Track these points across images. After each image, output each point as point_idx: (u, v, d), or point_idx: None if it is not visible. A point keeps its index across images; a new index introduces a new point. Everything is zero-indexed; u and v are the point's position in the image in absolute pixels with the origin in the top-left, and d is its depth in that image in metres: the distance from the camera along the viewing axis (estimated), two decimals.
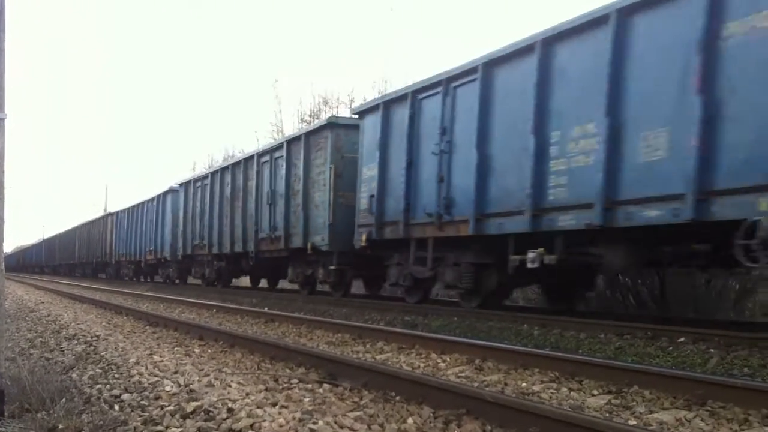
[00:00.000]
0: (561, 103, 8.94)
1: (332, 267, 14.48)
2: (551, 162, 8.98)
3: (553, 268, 9.28)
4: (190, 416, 4.05)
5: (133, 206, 30.70)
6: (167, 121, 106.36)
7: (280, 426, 3.66)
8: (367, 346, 7.69)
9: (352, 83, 69.74)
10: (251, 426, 3.67)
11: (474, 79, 10.34)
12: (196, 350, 7.31)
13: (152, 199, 27.66)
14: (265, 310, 12.30)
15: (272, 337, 8.40)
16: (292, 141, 16.13)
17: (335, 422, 3.80)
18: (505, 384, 5.31)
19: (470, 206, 10.27)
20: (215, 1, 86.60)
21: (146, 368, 5.84)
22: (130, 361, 6.27)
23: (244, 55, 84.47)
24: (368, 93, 31.25)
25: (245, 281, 23.11)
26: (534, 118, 9.20)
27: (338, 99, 33.06)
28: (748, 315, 11.90)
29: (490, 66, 10.11)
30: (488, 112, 10.13)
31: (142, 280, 30.04)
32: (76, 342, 8.19)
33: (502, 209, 9.84)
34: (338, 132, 14.25)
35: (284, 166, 16.13)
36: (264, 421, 3.74)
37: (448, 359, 6.55)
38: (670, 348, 7.08)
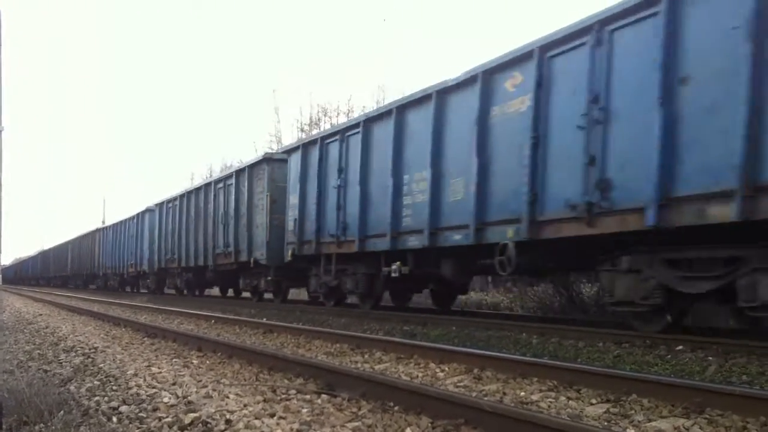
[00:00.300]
0: (409, 155, 12.14)
1: (269, 278, 17.80)
2: (403, 198, 12.12)
3: (439, 277, 12.46)
4: (188, 428, 4.05)
5: (117, 223, 34.10)
6: (166, 132, 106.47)
7: None
8: (366, 356, 7.68)
9: (350, 92, 70.06)
10: None
11: (358, 132, 13.56)
12: (195, 361, 7.30)
13: (133, 218, 30.98)
14: (264, 320, 12.29)
15: (271, 348, 8.39)
16: (239, 171, 19.41)
17: None
18: (504, 393, 5.31)
19: (356, 230, 13.44)
20: (214, 12, 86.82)
21: (144, 380, 5.83)
22: (128, 372, 6.26)
23: (243, 65, 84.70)
24: (367, 102, 31.43)
25: (216, 291, 26.48)
26: (392, 164, 12.36)
27: (337, 108, 33.26)
28: None
29: (368, 122, 13.34)
30: (367, 157, 13.29)
31: (128, 290, 33.07)
32: (74, 354, 8.18)
33: (376, 232, 12.94)
34: (273, 165, 17.41)
35: (234, 193, 19.42)
36: None
37: (446, 369, 6.55)
38: (669, 356, 7.08)
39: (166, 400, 4.85)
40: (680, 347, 7.33)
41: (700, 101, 7.24)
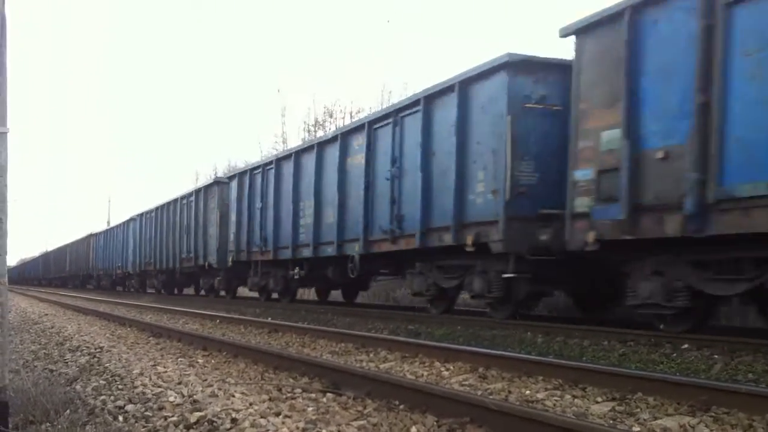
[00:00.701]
0: (303, 187, 16.38)
1: (219, 278, 22.53)
2: (300, 220, 16.32)
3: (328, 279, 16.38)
4: (194, 427, 4.06)
5: (108, 229, 40.13)
6: (171, 132, 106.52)
7: None
8: (371, 355, 7.69)
9: (354, 92, 70.04)
10: None
11: (272, 168, 18.04)
12: (200, 361, 7.31)
13: (120, 225, 36.14)
14: (269, 320, 12.30)
15: (276, 347, 8.40)
16: (198, 191, 24.30)
17: (339, 431, 3.80)
18: (509, 392, 5.31)
19: (271, 243, 17.74)
20: (218, 13, 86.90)
21: (150, 379, 5.84)
22: (134, 372, 6.27)
23: (248, 66, 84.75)
24: (373, 103, 31.46)
25: (191, 290, 29.25)
26: (293, 193, 16.68)
27: (342, 110, 33.32)
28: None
29: (279, 161, 17.89)
30: (279, 187, 17.62)
31: (119, 289, 37.00)
32: (79, 353, 8.20)
33: (285, 245, 17.06)
34: (222, 187, 21.95)
35: (194, 208, 24.16)
36: (267, 430, 3.74)
37: (451, 367, 6.55)
38: (674, 354, 7.07)
39: (171, 399, 4.86)
40: (686, 345, 7.32)
41: (439, 168, 11.59)
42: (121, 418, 4.61)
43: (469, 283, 11.35)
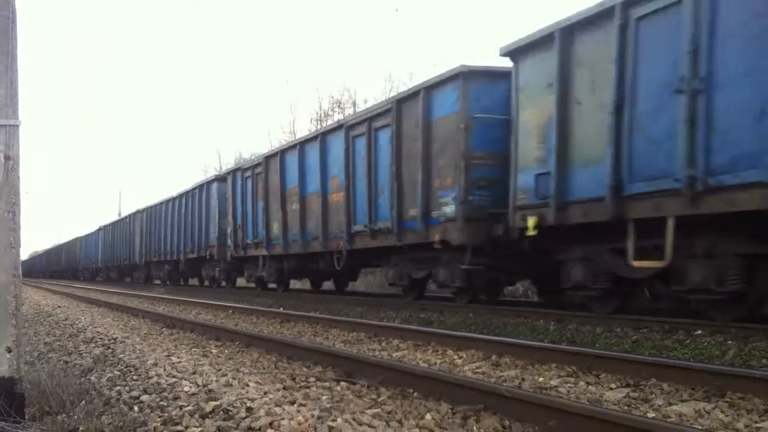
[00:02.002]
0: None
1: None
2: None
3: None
4: (210, 416, 4.07)
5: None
6: (181, 125, 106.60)
7: (299, 424, 3.67)
8: (383, 344, 7.70)
9: (362, 82, 69.89)
10: (270, 424, 3.68)
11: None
12: (214, 351, 7.34)
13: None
14: (281, 310, 12.34)
15: (288, 337, 8.43)
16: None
17: (353, 419, 3.81)
18: (523, 379, 5.31)
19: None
20: (227, 5, 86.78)
21: (164, 369, 5.86)
22: (148, 362, 6.30)
23: (257, 58, 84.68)
24: (378, 93, 31.45)
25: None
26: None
27: (353, 100, 33.35)
28: None
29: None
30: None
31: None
32: (93, 345, 8.24)
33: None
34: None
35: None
36: (283, 419, 3.75)
37: (464, 355, 6.55)
38: (687, 341, 7.05)
39: (186, 388, 4.87)
40: (699, 332, 7.30)
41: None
42: (136, 408, 4.63)
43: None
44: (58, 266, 60.93)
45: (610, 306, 9.38)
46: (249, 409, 4.02)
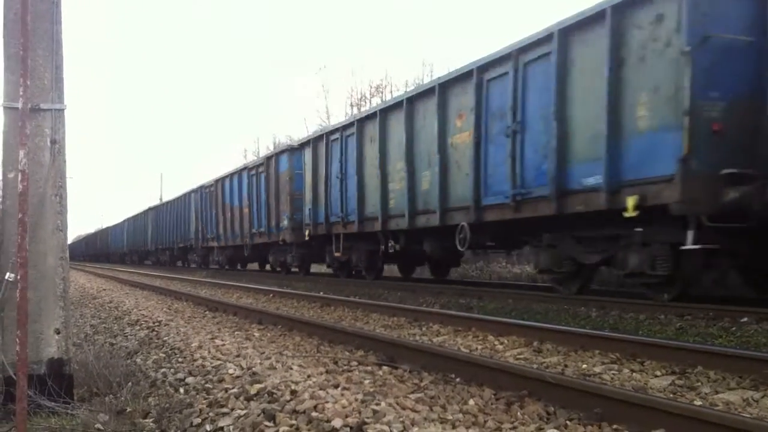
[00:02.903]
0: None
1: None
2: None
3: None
4: (254, 398, 4.12)
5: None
6: (220, 110, 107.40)
7: (343, 407, 3.70)
8: (423, 329, 7.71)
9: (397, 67, 69.65)
10: (315, 407, 3.72)
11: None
12: (256, 334, 7.42)
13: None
14: (321, 294, 12.41)
15: (329, 321, 8.48)
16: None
17: (397, 403, 3.82)
18: (565, 366, 5.27)
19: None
20: None
21: (209, 352, 5.94)
22: (193, 345, 6.39)
23: (293, 43, 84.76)
24: (414, 77, 31.35)
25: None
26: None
27: (390, 85, 33.41)
28: None
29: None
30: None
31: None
32: (138, 327, 8.39)
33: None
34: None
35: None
36: (327, 402, 3.77)
37: (505, 341, 6.53)
38: (733, 328, 6.93)
39: (231, 371, 4.94)
40: (745, 319, 7.17)
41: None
42: (182, 390, 4.72)
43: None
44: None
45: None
46: (293, 392, 4.06)
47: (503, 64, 10.63)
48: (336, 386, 4.31)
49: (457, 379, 4.63)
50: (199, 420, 3.97)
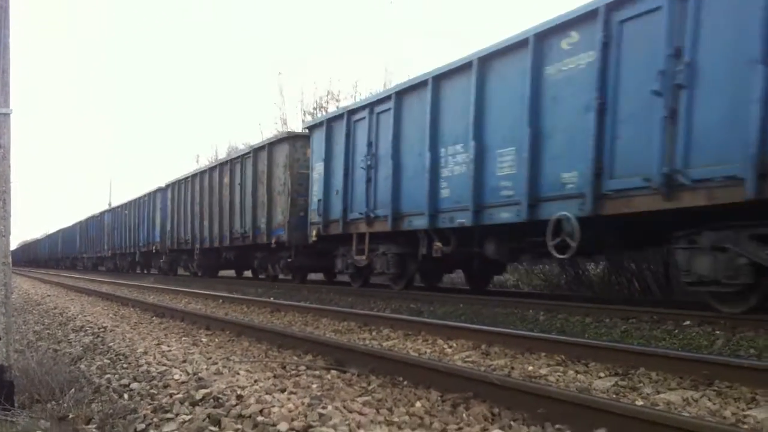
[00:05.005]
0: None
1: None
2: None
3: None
4: (200, 403, 4.08)
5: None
6: (172, 116, 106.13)
7: (290, 411, 3.68)
8: (374, 333, 7.71)
9: (356, 75, 69.77)
10: (261, 411, 3.69)
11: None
12: (204, 340, 7.34)
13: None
14: (271, 299, 12.33)
15: (279, 326, 8.43)
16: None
17: (344, 407, 3.82)
18: (512, 368, 5.33)
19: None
20: None
21: (154, 358, 5.86)
22: (138, 351, 6.30)
23: (248, 48, 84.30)
24: (374, 86, 31.42)
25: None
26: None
27: (339, 93, 33.39)
28: None
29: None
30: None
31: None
32: (83, 333, 8.23)
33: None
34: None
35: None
36: (273, 406, 3.76)
37: (454, 345, 6.57)
38: (676, 331, 7.09)
39: (176, 377, 4.88)
40: (687, 322, 7.34)
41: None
42: (126, 396, 4.64)
43: None
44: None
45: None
46: (239, 397, 4.03)
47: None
48: (283, 390, 4.29)
49: (405, 382, 4.64)
50: (143, 425, 3.91)
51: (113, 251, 36.22)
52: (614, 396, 4.30)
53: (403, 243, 12.69)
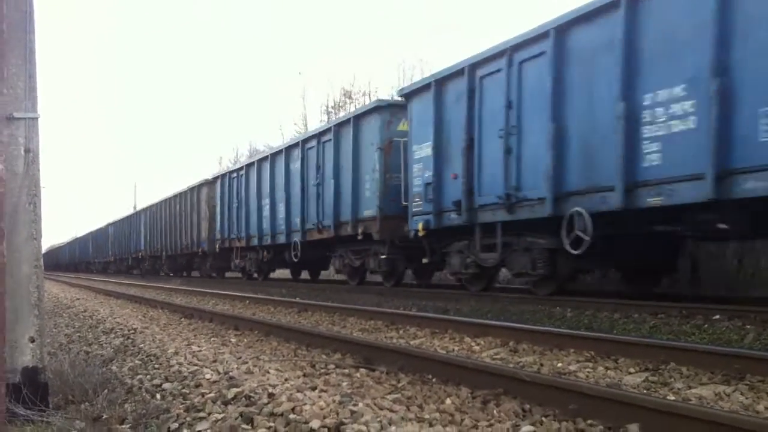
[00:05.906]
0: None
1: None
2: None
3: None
4: (232, 402, 4.11)
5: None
6: (195, 118, 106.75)
7: (321, 408, 3.71)
8: (401, 332, 7.73)
9: (373, 72, 69.82)
10: (293, 409, 3.72)
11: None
12: (233, 340, 7.40)
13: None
14: (297, 299, 12.39)
15: (306, 326, 8.47)
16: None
17: (374, 404, 3.84)
18: (541, 365, 5.32)
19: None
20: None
21: (185, 358, 5.92)
22: (169, 351, 6.36)
23: (269, 49, 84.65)
24: (392, 82, 31.43)
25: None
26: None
27: (360, 91, 33.43)
28: None
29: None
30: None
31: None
32: (113, 335, 8.32)
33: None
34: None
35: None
36: (305, 404, 3.78)
37: (482, 342, 6.57)
38: (706, 326, 7.04)
39: (208, 376, 4.92)
40: (717, 316, 7.28)
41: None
42: (158, 396, 4.69)
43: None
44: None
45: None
46: (271, 395, 4.06)
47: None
48: (314, 389, 4.32)
49: (434, 380, 4.65)
50: (176, 425, 3.95)
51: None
52: (645, 391, 4.28)
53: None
